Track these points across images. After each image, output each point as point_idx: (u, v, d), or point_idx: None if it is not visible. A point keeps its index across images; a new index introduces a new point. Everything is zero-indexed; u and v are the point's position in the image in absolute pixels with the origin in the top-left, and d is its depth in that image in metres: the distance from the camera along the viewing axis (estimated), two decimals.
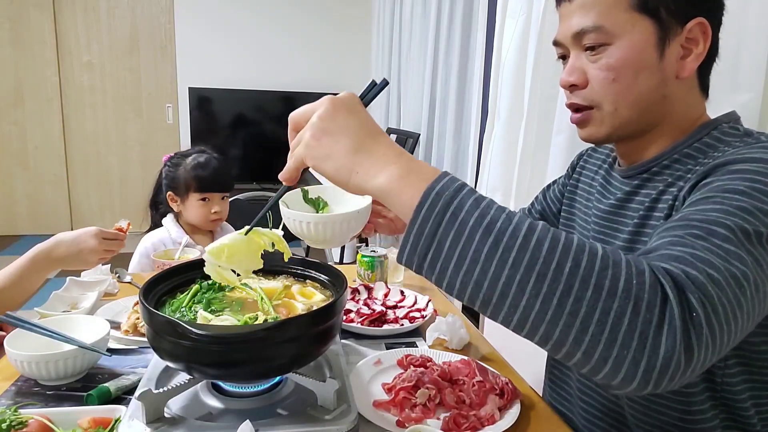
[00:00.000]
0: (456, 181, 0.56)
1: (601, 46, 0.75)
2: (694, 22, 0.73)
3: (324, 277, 0.91)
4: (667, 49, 0.74)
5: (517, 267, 0.51)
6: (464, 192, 0.55)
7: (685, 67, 0.75)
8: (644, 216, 0.78)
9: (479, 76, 2.49)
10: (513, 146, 1.93)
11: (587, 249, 0.52)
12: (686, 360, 0.50)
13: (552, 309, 0.50)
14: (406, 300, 1.33)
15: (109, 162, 4.97)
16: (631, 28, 0.73)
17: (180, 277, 0.88)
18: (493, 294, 0.52)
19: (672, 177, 0.77)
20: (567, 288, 0.50)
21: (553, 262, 0.51)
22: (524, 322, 0.52)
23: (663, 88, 0.76)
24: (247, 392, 0.78)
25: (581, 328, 0.50)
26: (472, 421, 0.84)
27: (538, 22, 1.71)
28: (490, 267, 0.52)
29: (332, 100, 0.63)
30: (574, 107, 0.81)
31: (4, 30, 4.53)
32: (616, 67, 0.75)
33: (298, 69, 4.96)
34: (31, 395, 0.89)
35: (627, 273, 0.51)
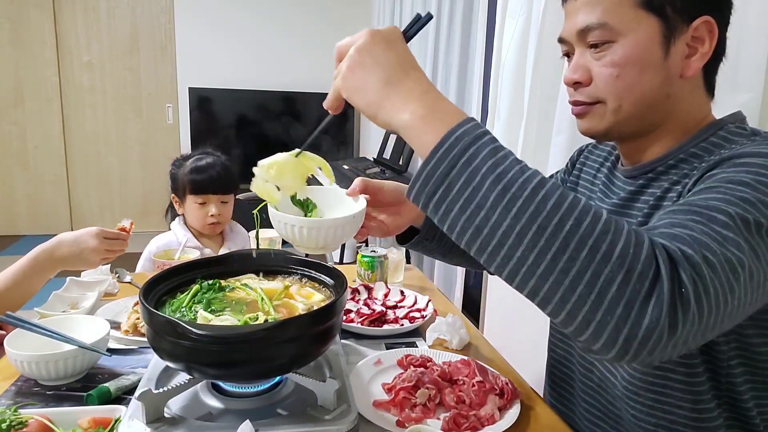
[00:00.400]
0: (478, 128, 0.57)
1: (606, 43, 0.75)
2: (700, 21, 0.73)
3: (324, 277, 0.91)
4: (672, 48, 0.73)
5: (519, 217, 0.52)
6: (484, 140, 0.56)
7: (690, 66, 0.74)
8: (648, 215, 0.78)
9: (479, 76, 2.49)
10: (513, 146, 1.92)
11: (592, 211, 0.52)
12: (669, 334, 0.50)
13: (544, 264, 0.51)
14: (406, 300, 1.33)
15: (109, 162, 4.97)
16: (636, 25, 0.73)
17: (180, 277, 0.88)
18: (490, 241, 0.53)
19: (677, 176, 0.77)
20: (563, 245, 0.51)
21: (556, 218, 0.51)
22: (515, 273, 0.53)
23: (667, 87, 0.75)
24: (247, 392, 0.78)
25: (569, 287, 0.51)
26: (472, 421, 0.84)
27: (538, 22, 1.71)
28: (493, 214, 0.53)
29: (372, 32, 0.63)
30: (577, 103, 0.81)
31: (4, 30, 4.53)
32: (620, 64, 0.74)
33: (298, 69, 4.96)
34: (31, 395, 0.89)
35: (625, 241, 0.51)
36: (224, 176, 1.76)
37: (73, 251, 1.26)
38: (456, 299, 2.70)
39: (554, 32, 0.83)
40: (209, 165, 1.75)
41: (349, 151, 5.02)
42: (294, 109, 4.95)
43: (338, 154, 4.85)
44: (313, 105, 4.95)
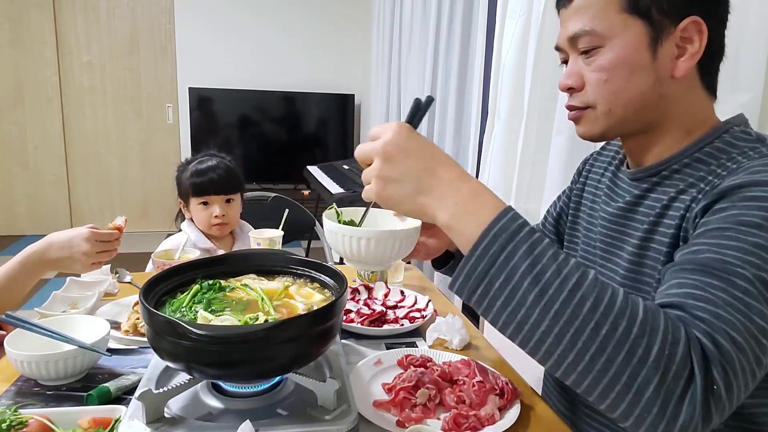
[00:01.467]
0: (515, 222, 0.59)
1: (594, 48, 0.76)
2: (688, 21, 0.73)
3: (324, 278, 0.91)
4: (660, 49, 0.73)
5: (557, 320, 0.55)
6: (521, 236, 0.58)
7: (680, 67, 0.74)
8: (654, 222, 0.77)
9: (479, 77, 2.49)
10: (513, 146, 1.93)
11: (628, 312, 0.55)
12: (703, 426, 0.54)
13: (583, 363, 0.54)
14: (406, 300, 1.33)
15: (109, 162, 4.97)
16: (623, 29, 0.74)
17: (180, 277, 0.88)
18: (531, 337, 0.56)
19: (683, 183, 0.76)
20: (600, 349, 0.54)
21: (592, 323, 0.54)
22: (556, 368, 0.57)
23: (659, 88, 0.75)
24: (247, 392, 0.78)
25: (608, 385, 0.54)
26: (472, 422, 0.84)
27: (538, 23, 1.71)
28: (532, 313, 0.56)
29: (384, 145, 0.66)
30: (571, 108, 0.82)
31: (4, 30, 4.53)
32: (608, 68, 0.75)
33: (298, 69, 4.96)
34: (31, 395, 0.89)
35: (662, 342, 0.54)
36: (226, 176, 1.75)
37: (64, 254, 1.20)
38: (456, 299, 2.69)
39: (554, 33, 0.83)
40: (210, 167, 1.74)
41: (349, 151, 5.02)
42: (294, 109, 4.95)
43: (338, 154, 4.86)
44: (313, 105, 4.95)
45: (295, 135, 5.00)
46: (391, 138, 0.66)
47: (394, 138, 0.66)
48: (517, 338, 0.58)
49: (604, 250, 0.88)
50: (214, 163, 1.76)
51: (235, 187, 1.78)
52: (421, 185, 0.64)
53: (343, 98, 4.95)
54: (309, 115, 4.99)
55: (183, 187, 1.76)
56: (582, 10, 0.76)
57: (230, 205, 1.76)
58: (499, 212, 0.60)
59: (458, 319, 1.16)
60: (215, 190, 1.73)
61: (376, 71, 4.30)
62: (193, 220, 1.78)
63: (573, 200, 1.03)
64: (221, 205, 1.73)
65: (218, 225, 1.74)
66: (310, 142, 5.02)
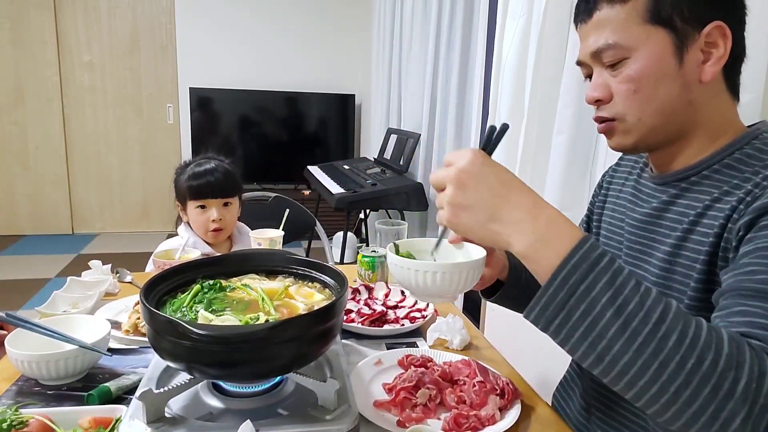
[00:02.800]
0: (594, 251, 0.58)
1: (620, 61, 0.75)
2: (712, 26, 0.72)
3: (325, 278, 0.91)
4: (686, 56, 0.73)
5: (641, 352, 0.54)
6: (601, 265, 0.57)
7: (707, 71, 0.74)
8: (687, 230, 0.76)
9: (480, 77, 2.49)
10: (513, 146, 1.92)
11: (713, 345, 0.54)
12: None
13: (668, 395, 0.54)
14: (406, 300, 1.33)
15: (109, 162, 4.97)
16: (647, 40, 0.73)
17: (181, 277, 0.88)
18: (612, 369, 0.56)
19: (718, 190, 0.74)
20: (686, 382, 0.53)
21: (678, 356, 0.54)
22: (638, 399, 0.56)
23: (687, 94, 0.75)
24: (248, 392, 0.78)
25: (692, 416, 0.54)
26: (472, 422, 0.84)
27: (539, 23, 1.71)
28: (614, 345, 0.55)
29: (458, 172, 0.66)
30: (600, 120, 0.81)
31: (4, 30, 4.53)
32: (636, 79, 0.74)
33: (298, 69, 4.96)
34: (32, 395, 0.89)
35: (749, 375, 0.53)
36: (223, 180, 1.72)
37: None
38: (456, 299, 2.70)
39: (555, 33, 0.83)
40: (208, 170, 1.71)
41: (350, 151, 5.03)
42: (295, 109, 4.96)
43: (339, 154, 4.86)
44: (313, 105, 4.95)
45: (296, 135, 5.00)
46: (465, 165, 0.65)
47: (468, 165, 0.65)
48: (597, 369, 0.58)
49: (633, 256, 0.87)
50: (212, 166, 1.73)
51: (233, 191, 1.74)
52: (494, 212, 0.64)
53: (343, 98, 4.95)
54: (309, 115, 4.99)
55: (180, 190, 1.74)
56: (603, 24, 0.76)
57: (228, 209, 1.73)
58: (579, 241, 0.59)
59: (459, 319, 1.16)
60: (212, 194, 1.70)
61: (377, 71, 4.30)
62: (190, 224, 1.77)
63: (595, 213, 1.02)
64: (219, 209, 1.70)
65: (215, 231, 1.71)
66: (311, 142, 5.02)
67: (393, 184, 3.11)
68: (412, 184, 3.12)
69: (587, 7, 0.78)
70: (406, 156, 3.25)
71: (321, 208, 3.85)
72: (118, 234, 5.03)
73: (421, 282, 0.75)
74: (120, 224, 5.08)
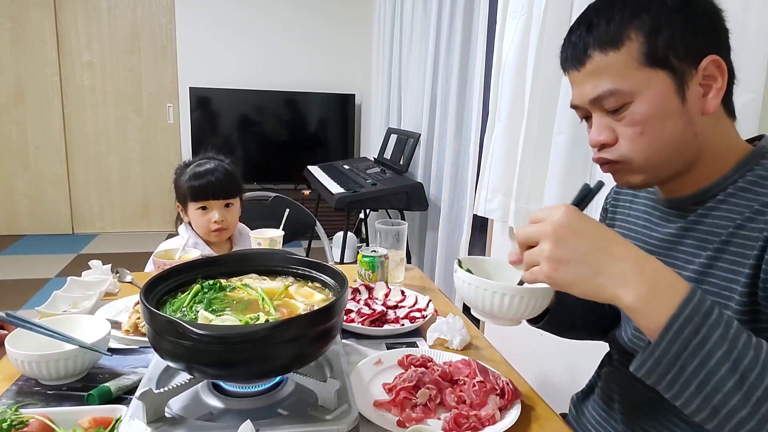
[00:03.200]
0: (704, 303, 0.58)
1: (623, 106, 0.74)
2: (708, 60, 0.72)
3: (325, 277, 0.91)
4: (687, 93, 0.73)
5: (759, 407, 0.55)
6: (713, 319, 0.57)
7: (710, 104, 0.74)
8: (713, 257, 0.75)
9: (480, 77, 2.49)
10: (513, 147, 1.93)
11: None
12: None
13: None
14: (406, 300, 1.33)
15: (109, 162, 4.97)
16: (647, 83, 0.73)
17: (181, 276, 0.88)
18: (728, 422, 0.57)
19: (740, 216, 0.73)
20: None
21: None
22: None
23: (692, 128, 0.75)
24: (248, 392, 0.78)
25: None
26: (472, 422, 0.84)
27: (539, 23, 1.71)
28: (731, 399, 0.56)
29: (554, 226, 0.65)
30: (603, 161, 0.80)
31: (4, 29, 4.53)
32: (642, 122, 0.74)
33: (298, 69, 4.96)
34: (32, 395, 0.90)
35: None
36: (225, 180, 1.71)
37: None
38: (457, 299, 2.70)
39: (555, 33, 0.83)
40: (209, 170, 1.70)
41: (350, 151, 5.03)
42: (295, 109, 4.96)
43: (339, 154, 4.86)
44: (313, 105, 4.95)
45: (296, 135, 5.00)
46: (561, 219, 0.65)
47: (564, 219, 0.65)
48: (712, 422, 0.58)
49: None
50: (213, 166, 1.71)
51: (234, 192, 1.73)
52: (597, 265, 0.63)
53: (343, 98, 4.95)
54: (309, 115, 4.99)
55: (181, 191, 1.72)
56: (598, 72, 0.75)
57: (229, 209, 1.72)
58: (688, 293, 0.59)
59: (459, 319, 1.16)
60: (214, 195, 1.68)
61: (377, 71, 4.30)
62: (191, 224, 1.76)
63: None
64: (220, 210, 1.69)
65: (217, 231, 1.70)
66: (311, 141, 5.02)
67: (393, 184, 3.11)
68: (412, 184, 3.12)
69: (577, 55, 0.77)
70: (406, 156, 3.25)
71: (321, 208, 3.85)
72: (118, 234, 5.03)
73: (488, 302, 0.75)
74: (120, 224, 5.08)
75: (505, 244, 2.22)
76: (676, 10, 0.72)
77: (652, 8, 0.72)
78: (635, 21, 0.73)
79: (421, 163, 3.31)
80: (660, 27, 0.72)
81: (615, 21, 0.73)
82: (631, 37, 0.73)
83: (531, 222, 0.68)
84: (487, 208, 2.09)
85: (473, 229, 2.65)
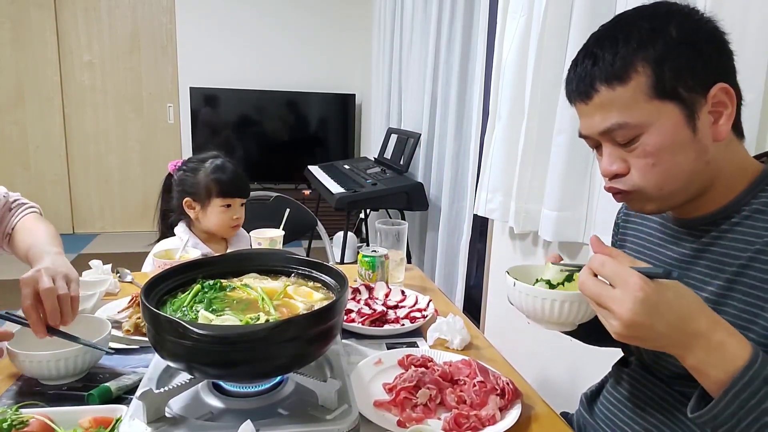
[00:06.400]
0: (764, 369, 0.61)
1: (634, 138, 0.74)
2: (716, 89, 0.72)
3: (325, 277, 0.91)
4: (697, 122, 0.73)
5: None
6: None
7: (721, 131, 0.74)
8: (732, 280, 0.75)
9: (480, 76, 2.49)
10: (514, 147, 1.92)
11: None
12: None
13: None
14: (407, 300, 1.33)
15: (109, 162, 4.97)
16: (657, 115, 0.72)
17: (181, 276, 0.88)
18: None
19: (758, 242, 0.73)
20: None
21: None
22: None
23: (705, 156, 0.74)
24: (248, 392, 0.78)
25: None
26: (472, 422, 0.84)
27: (540, 23, 1.70)
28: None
29: (629, 314, 0.63)
30: (616, 191, 0.80)
31: (5, 30, 4.53)
32: (654, 153, 0.74)
33: (299, 69, 4.96)
34: (32, 394, 0.90)
35: None
36: (244, 179, 1.78)
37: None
38: (457, 299, 2.70)
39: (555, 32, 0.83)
40: (231, 169, 1.74)
41: (350, 151, 5.03)
42: (295, 109, 4.95)
43: (339, 154, 4.86)
44: (314, 105, 4.95)
45: (296, 135, 5.00)
46: (635, 308, 0.63)
47: (639, 308, 0.63)
48: None
49: None
50: (232, 167, 1.76)
51: (249, 191, 1.80)
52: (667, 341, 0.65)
53: (343, 98, 4.95)
54: (310, 114, 4.99)
55: (201, 187, 1.71)
56: (606, 106, 0.75)
57: (242, 208, 1.77)
58: (748, 361, 0.62)
59: (459, 319, 1.16)
60: (239, 193, 1.74)
61: (377, 71, 4.30)
62: (195, 222, 1.76)
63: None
64: (238, 208, 1.75)
65: (235, 227, 1.76)
66: (311, 141, 5.02)
67: (393, 184, 3.11)
68: (413, 184, 3.11)
69: (584, 89, 0.76)
70: (407, 156, 3.24)
71: (321, 207, 3.85)
72: (118, 234, 5.03)
73: (538, 308, 0.77)
74: (120, 224, 5.08)
75: (505, 244, 2.22)
76: (681, 41, 0.72)
77: (657, 40, 0.72)
78: (641, 54, 0.72)
79: (421, 163, 3.31)
80: (666, 59, 0.71)
81: (620, 54, 0.73)
82: (638, 70, 0.72)
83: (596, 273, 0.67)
84: (487, 208, 2.09)
85: (473, 229, 2.65)
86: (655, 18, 0.74)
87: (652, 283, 0.63)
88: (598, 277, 0.67)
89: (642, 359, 0.91)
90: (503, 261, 2.24)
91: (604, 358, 1.07)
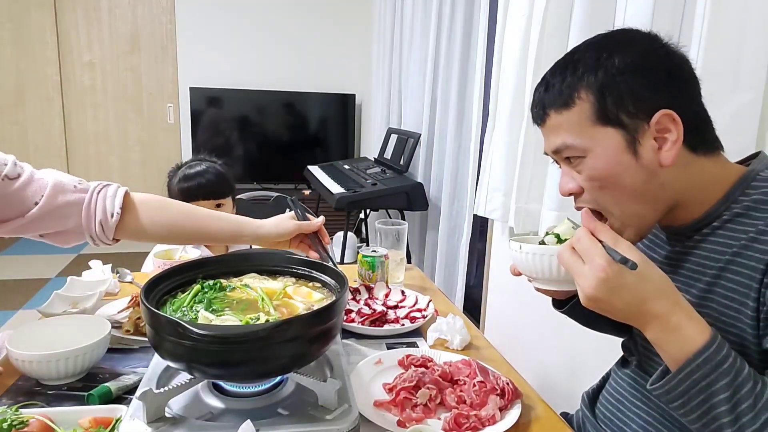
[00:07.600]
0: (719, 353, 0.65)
1: (578, 158, 0.78)
2: (659, 115, 0.73)
3: (325, 277, 0.91)
4: (639, 148, 0.74)
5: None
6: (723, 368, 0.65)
7: (665, 156, 0.74)
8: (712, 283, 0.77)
9: (480, 76, 2.48)
10: (514, 146, 1.92)
11: None
12: None
13: None
14: (406, 300, 1.33)
15: (109, 162, 4.97)
16: (598, 140, 0.75)
17: (181, 276, 0.88)
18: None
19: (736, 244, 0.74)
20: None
21: None
22: None
23: (655, 179, 0.75)
24: (248, 392, 0.78)
25: None
26: (472, 422, 0.84)
27: (539, 23, 1.70)
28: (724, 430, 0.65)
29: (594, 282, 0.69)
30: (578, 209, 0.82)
31: (5, 30, 4.53)
32: (598, 177, 0.77)
33: (299, 69, 4.96)
34: (32, 395, 0.90)
35: None
36: (215, 181, 1.73)
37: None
38: (457, 299, 2.70)
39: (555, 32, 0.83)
40: (199, 172, 1.72)
41: (350, 151, 5.03)
42: (295, 109, 4.95)
43: (339, 154, 4.86)
44: (314, 105, 4.95)
45: (296, 135, 5.00)
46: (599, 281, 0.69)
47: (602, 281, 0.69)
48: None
49: None
50: (203, 168, 1.73)
51: (225, 192, 1.75)
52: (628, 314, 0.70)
53: (343, 98, 4.95)
54: (310, 114, 4.99)
55: (172, 193, 1.74)
56: (556, 128, 0.79)
57: (221, 209, 1.73)
58: (705, 343, 0.66)
59: (459, 319, 1.16)
60: (203, 195, 1.70)
61: (377, 71, 4.30)
62: None
63: None
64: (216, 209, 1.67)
65: None
66: (311, 141, 5.02)
67: (393, 184, 3.11)
68: (412, 183, 3.11)
69: (538, 113, 0.82)
70: (407, 156, 3.24)
71: (321, 207, 3.85)
72: None
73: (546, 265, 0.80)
74: None
75: (505, 244, 2.22)
76: (623, 70, 0.74)
77: (599, 69, 0.75)
78: (584, 82, 0.76)
79: (421, 163, 3.31)
80: (608, 87, 0.74)
81: (567, 83, 0.77)
82: (581, 97, 0.76)
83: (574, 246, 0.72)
84: (487, 208, 2.09)
85: (473, 229, 2.65)
86: (603, 48, 0.77)
87: (615, 265, 0.68)
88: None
89: (641, 360, 0.91)
90: (503, 261, 2.24)
91: (604, 358, 1.07)
